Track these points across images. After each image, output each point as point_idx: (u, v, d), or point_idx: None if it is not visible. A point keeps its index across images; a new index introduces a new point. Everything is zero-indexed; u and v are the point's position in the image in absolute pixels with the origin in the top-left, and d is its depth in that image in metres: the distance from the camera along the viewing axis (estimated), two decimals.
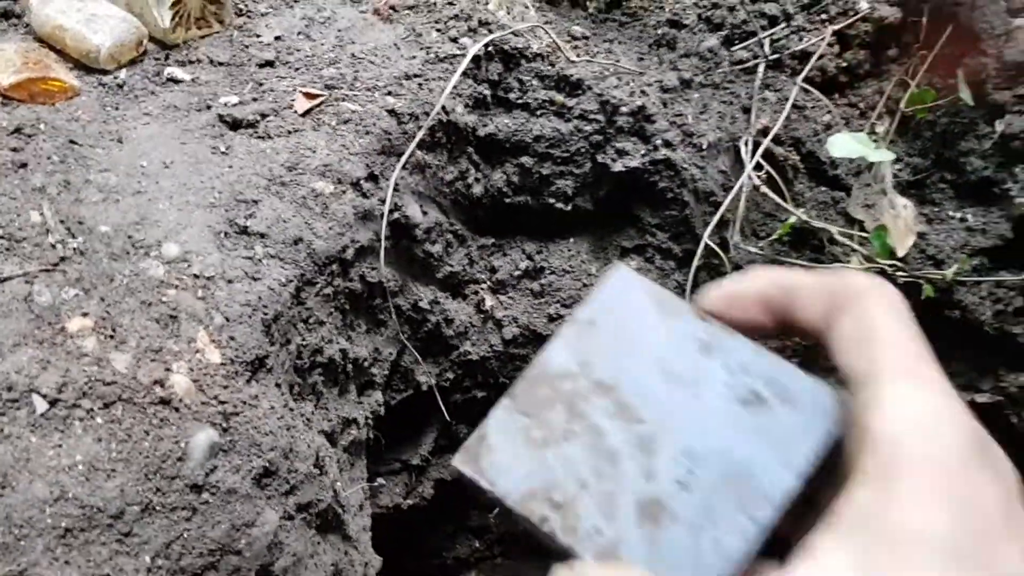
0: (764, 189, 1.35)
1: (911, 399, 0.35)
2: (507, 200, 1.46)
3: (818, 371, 0.43)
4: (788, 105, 1.42)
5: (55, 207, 0.95)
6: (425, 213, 1.32)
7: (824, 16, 1.57)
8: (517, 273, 1.50)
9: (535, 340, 1.49)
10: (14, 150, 1.00)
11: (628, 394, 0.40)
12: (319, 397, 1.15)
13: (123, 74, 1.18)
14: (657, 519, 0.37)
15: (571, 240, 1.51)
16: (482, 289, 1.50)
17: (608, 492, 0.38)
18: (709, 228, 1.35)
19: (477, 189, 1.42)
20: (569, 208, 1.46)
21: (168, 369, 0.87)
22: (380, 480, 1.43)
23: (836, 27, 1.52)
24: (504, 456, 0.41)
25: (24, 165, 0.98)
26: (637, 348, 0.42)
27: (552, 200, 1.45)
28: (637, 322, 0.43)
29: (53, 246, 0.91)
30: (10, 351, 0.83)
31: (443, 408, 1.47)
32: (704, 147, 1.39)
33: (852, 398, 0.37)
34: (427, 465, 1.66)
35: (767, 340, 0.43)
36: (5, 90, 1.06)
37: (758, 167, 1.37)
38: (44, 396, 0.80)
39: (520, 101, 1.38)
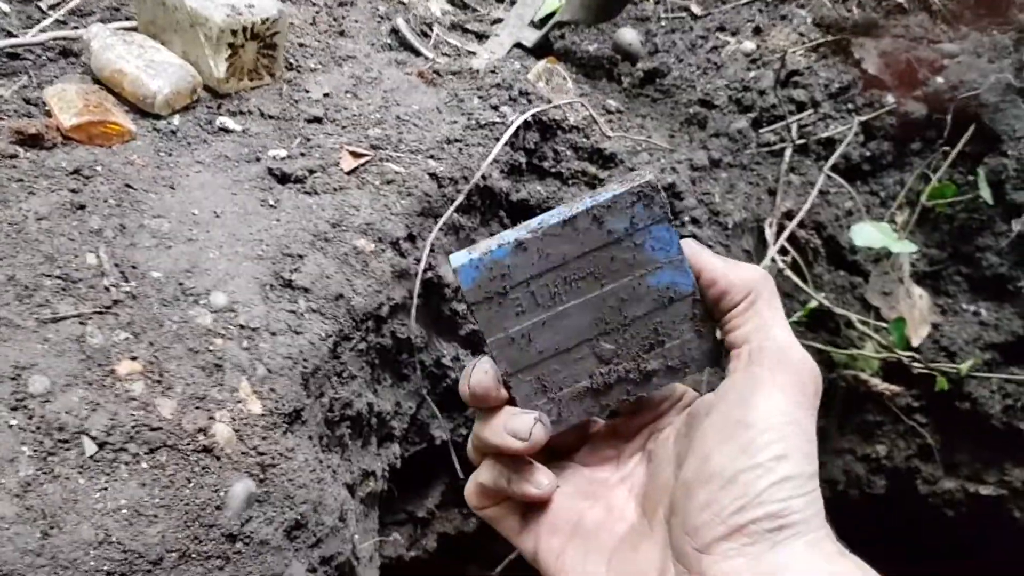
0: (788, 273, 1.38)
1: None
2: None
3: None
4: (814, 192, 1.46)
5: (111, 250, 0.97)
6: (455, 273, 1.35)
7: (851, 106, 1.61)
8: None
9: None
10: (73, 191, 1.03)
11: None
12: (344, 449, 1.17)
13: (176, 120, 1.21)
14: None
15: None
16: None
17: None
18: None
19: None
20: None
21: (211, 418, 0.89)
22: (395, 535, 1.44)
23: (863, 118, 1.56)
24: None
25: (82, 207, 1.01)
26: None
27: None
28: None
29: (107, 289, 0.94)
30: (62, 390, 0.85)
31: (456, 463, 1.48)
32: (730, 226, 1.43)
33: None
34: (432, 518, 1.67)
35: None
36: (66, 131, 1.09)
37: (782, 251, 1.41)
38: (93, 439, 0.82)
39: (554, 170, 1.42)
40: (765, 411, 0.57)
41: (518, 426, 0.63)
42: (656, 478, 0.65)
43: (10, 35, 1.31)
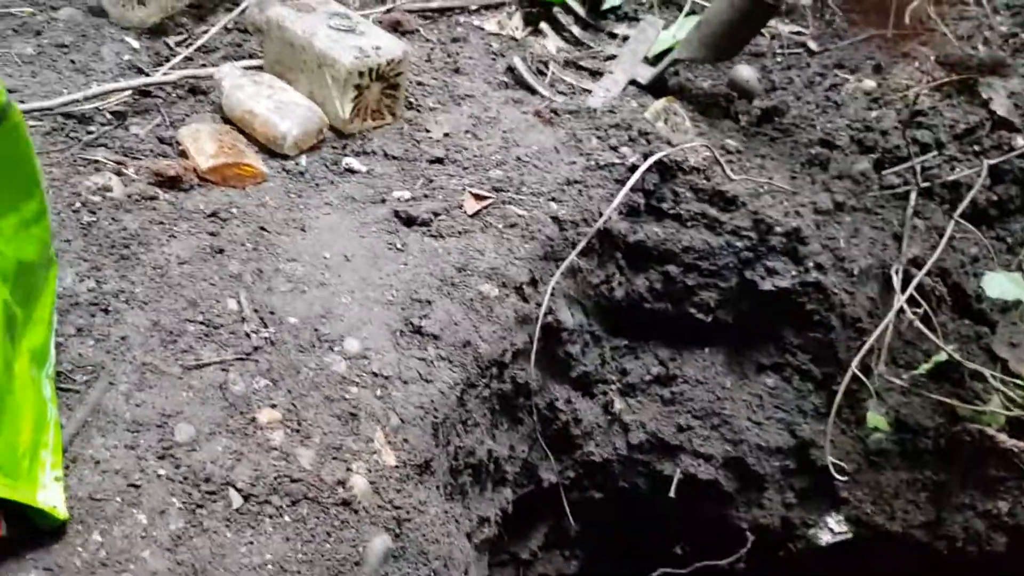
0: (917, 324, 1.33)
1: None
2: (646, 305, 1.46)
3: None
4: (944, 240, 1.41)
5: (250, 295, 0.98)
6: (572, 316, 1.33)
7: (977, 148, 1.55)
8: (648, 378, 1.50)
9: (662, 449, 1.48)
10: (212, 234, 1.04)
11: None
12: (464, 496, 1.16)
13: (304, 161, 1.22)
14: None
15: (706, 350, 1.50)
16: (611, 390, 1.50)
17: None
18: (858, 357, 1.34)
19: (619, 293, 1.43)
20: (709, 319, 1.46)
21: (349, 469, 0.88)
22: None
23: (991, 161, 1.50)
24: None
25: (221, 251, 1.02)
26: None
27: (693, 310, 1.45)
28: None
29: (247, 335, 0.94)
30: (206, 439, 0.85)
31: (567, 507, 1.46)
32: (855, 272, 1.39)
33: None
34: (535, 560, 1.65)
35: None
36: (203, 172, 1.11)
37: (911, 300, 1.36)
38: (239, 491, 0.82)
39: (672, 212, 1.40)
40: None
41: None
42: None
43: (141, 72, 1.33)
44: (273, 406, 0.90)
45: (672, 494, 1.47)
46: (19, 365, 0.75)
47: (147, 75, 1.31)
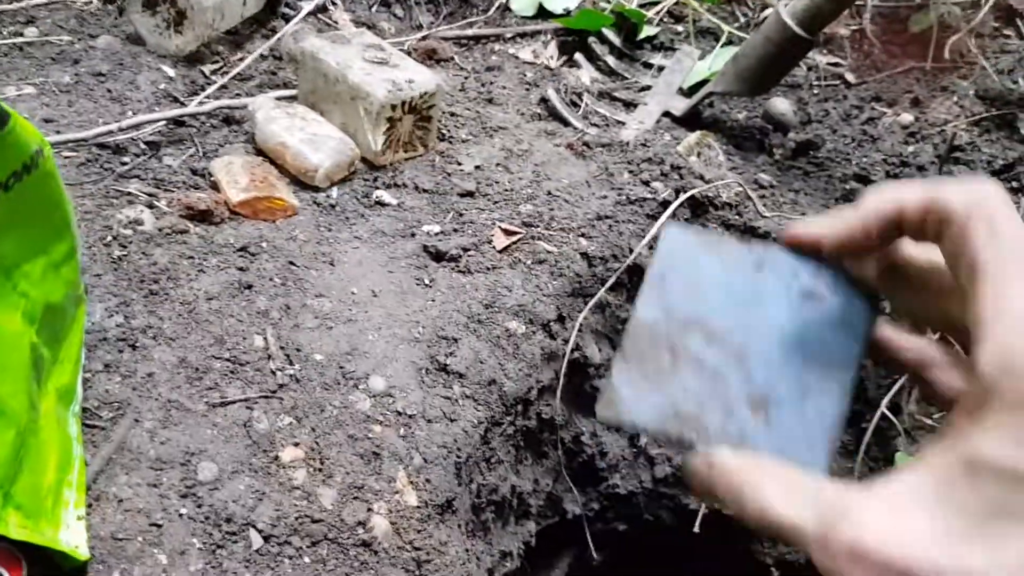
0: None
1: None
2: None
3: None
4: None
5: (277, 332, 0.99)
6: (600, 350, 1.33)
7: (1016, 184, 1.53)
8: None
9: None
10: (241, 269, 1.04)
11: (710, 323, 0.46)
12: (487, 532, 1.15)
13: (335, 193, 1.23)
14: (765, 407, 0.44)
15: None
16: None
17: (722, 400, 0.45)
18: (889, 395, 1.32)
19: None
20: None
21: (370, 509, 0.88)
22: None
23: None
24: (633, 397, 0.46)
25: (250, 286, 1.02)
26: (704, 285, 0.48)
27: None
28: (696, 264, 0.48)
29: (273, 372, 0.95)
30: (229, 478, 0.85)
31: (589, 539, 1.45)
32: (886, 310, 1.37)
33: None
34: None
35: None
36: (234, 206, 1.12)
37: (943, 337, 1.34)
38: (260, 531, 0.82)
39: None
40: None
41: None
42: None
43: (176, 101, 1.35)
44: (296, 444, 0.90)
45: (697, 529, 1.46)
46: (45, 404, 0.76)
47: (182, 104, 1.33)
